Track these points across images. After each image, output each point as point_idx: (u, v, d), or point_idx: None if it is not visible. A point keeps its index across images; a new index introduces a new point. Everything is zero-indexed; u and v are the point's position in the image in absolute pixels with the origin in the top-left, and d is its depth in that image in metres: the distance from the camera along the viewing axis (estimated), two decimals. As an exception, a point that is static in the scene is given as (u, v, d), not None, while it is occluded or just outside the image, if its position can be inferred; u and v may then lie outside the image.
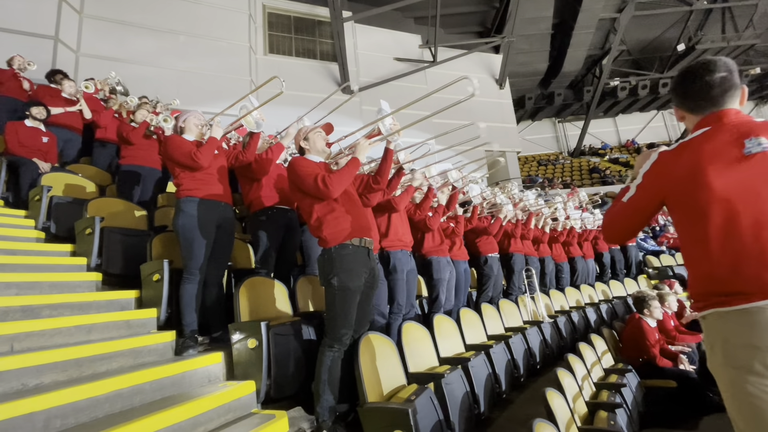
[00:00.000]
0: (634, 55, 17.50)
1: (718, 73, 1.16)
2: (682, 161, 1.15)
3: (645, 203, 1.22)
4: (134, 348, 2.11)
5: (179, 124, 2.73)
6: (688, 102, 1.23)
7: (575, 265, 5.91)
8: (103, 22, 8.61)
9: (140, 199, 3.94)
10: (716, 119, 1.16)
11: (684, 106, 1.25)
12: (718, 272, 1.08)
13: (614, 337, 3.84)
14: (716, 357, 1.11)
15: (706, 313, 1.13)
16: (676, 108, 1.30)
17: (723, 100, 1.17)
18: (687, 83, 1.22)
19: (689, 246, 1.17)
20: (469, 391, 2.38)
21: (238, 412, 1.94)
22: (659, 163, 1.20)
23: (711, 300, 1.10)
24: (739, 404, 1.05)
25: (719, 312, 1.09)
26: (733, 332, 1.05)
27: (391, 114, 2.37)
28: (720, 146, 1.11)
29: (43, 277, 2.45)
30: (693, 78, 1.20)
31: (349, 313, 2.02)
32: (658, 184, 1.19)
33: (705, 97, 1.18)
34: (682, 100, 1.25)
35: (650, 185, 1.21)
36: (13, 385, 1.61)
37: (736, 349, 1.05)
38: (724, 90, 1.16)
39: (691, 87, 1.21)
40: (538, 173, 17.90)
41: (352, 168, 2.15)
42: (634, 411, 2.66)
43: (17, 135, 3.89)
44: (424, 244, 3.50)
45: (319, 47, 11.49)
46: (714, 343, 1.12)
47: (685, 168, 1.13)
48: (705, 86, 1.17)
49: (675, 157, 1.17)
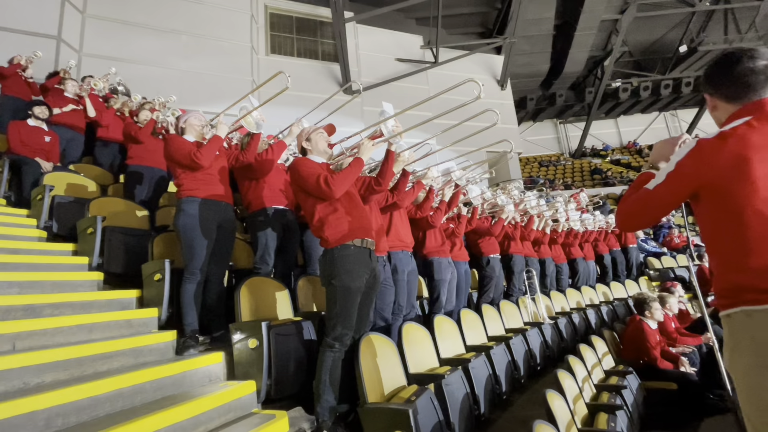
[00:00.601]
0: (636, 57, 17.49)
1: (761, 60, 1.10)
2: (725, 150, 1.07)
3: (676, 192, 1.15)
4: (135, 347, 2.12)
5: (180, 125, 2.74)
6: (725, 89, 1.16)
7: (576, 266, 5.91)
8: (105, 22, 8.64)
9: (143, 199, 3.95)
10: (758, 108, 1.10)
11: (720, 93, 1.18)
12: (754, 268, 1.03)
13: (615, 339, 3.84)
14: (742, 358, 1.06)
15: (733, 311, 1.08)
16: (710, 96, 1.22)
17: (765, 88, 1.11)
18: (726, 69, 1.15)
19: (721, 239, 1.11)
20: (469, 392, 2.38)
21: (238, 411, 1.95)
22: (699, 150, 1.12)
23: (741, 297, 1.06)
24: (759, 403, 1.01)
25: (748, 310, 1.04)
26: (763, 330, 1.01)
27: (393, 116, 2.37)
28: (766, 136, 1.05)
29: (44, 277, 2.46)
30: (734, 63, 1.13)
31: (349, 313, 2.02)
32: (696, 172, 1.11)
33: (746, 84, 1.12)
34: (718, 87, 1.18)
35: (686, 173, 1.13)
36: (14, 384, 1.61)
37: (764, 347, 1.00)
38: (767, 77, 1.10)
39: (730, 73, 1.14)
40: (539, 174, 17.89)
41: (356, 168, 2.15)
42: (635, 413, 2.66)
43: (20, 134, 3.90)
44: (425, 245, 3.50)
45: (321, 48, 11.51)
46: (739, 343, 1.07)
47: (728, 158, 1.07)
48: (747, 72, 1.11)
49: (717, 146, 1.09)
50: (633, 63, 17.80)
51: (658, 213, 1.21)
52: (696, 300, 5.68)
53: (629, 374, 2.98)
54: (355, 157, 2.21)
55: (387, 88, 11.71)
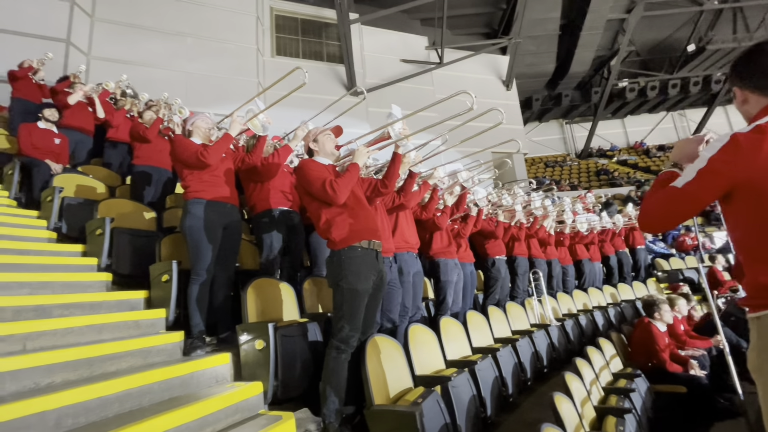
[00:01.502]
0: (643, 56, 17.33)
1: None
2: (764, 145, 1.03)
3: (709, 189, 1.09)
4: (143, 348, 2.13)
5: (187, 127, 2.76)
6: (756, 80, 1.12)
7: (582, 267, 5.86)
8: (113, 26, 8.74)
9: (151, 200, 3.98)
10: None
11: (751, 85, 1.13)
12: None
13: (623, 341, 3.80)
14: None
15: (764, 314, 1.04)
16: (740, 90, 1.17)
17: None
18: (757, 58, 1.11)
19: (757, 240, 1.07)
20: (475, 395, 2.37)
21: (245, 412, 1.95)
22: (734, 145, 1.06)
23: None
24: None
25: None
26: None
27: (401, 119, 2.37)
28: None
29: (54, 277, 2.49)
30: (765, 54, 1.09)
31: (356, 314, 2.02)
32: (731, 169, 1.05)
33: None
34: (749, 79, 1.14)
35: (720, 170, 1.06)
36: (25, 384, 1.63)
37: None
38: None
39: (762, 62, 1.10)
40: (545, 175, 17.78)
41: (353, 173, 2.16)
42: (644, 416, 2.63)
43: (30, 137, 3.96)
44: (432, 246, 3.49)
45: (326, 49, 11.54)
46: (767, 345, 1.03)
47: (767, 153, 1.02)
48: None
49: (755, 140, 1.04)
50: (640, 62, 17.63)
51: (687, 212, 1.13)
52: (705, 302, 5.61)
53: (638, 377, 2.95)
54: (351, 163, 2.21)
55: (392, 89, 11.71)
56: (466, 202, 3.82)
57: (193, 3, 9.76)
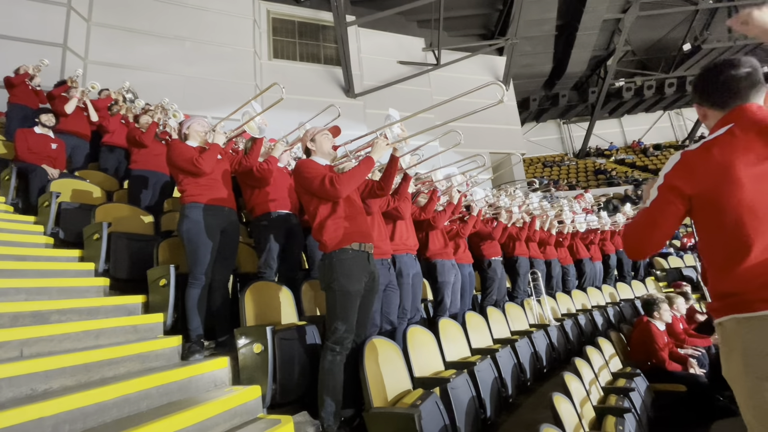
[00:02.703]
0: (639, 56, 17.39)
1: (743, 68, 1.14)
2: (711, 158, 1.10)
3: (670, 202, 1.16)
4: (141, 353, 2.13)
5: (183, 131, 2.76)
6: (711, 97, 1.20)
7: (582, 267, 5.86)
8: (110, 30, 8.74)
9: (148, 204, 3.97)
10: (740, 114, 1.13)
11: (707, 101, 1.22)
12: (742, 275, 1.04)
13: (622, 341, 3.80)
14: (735, 366, 1.06)
15: (724, 319, 1.09)
16: (698, 105, 1.26)
17: (748, 94, 1.14)
18: (712, 78, 1.19)
19: (712, 248, 1.13)
20: (475, 396, 2.36)
21: (244, 416, 1.95)
22: (684, 161, 1.16)
23: (731, 305, 1.06)
24: (757, 413, 1.01)
25: (738, 318, 1.04)
26: (754, 340, 1.01)
27: (399, 121, 2.37)
28: (749, 142, 1.07)
29: (51, 283, 2.49)
30: (718, 72, 1.18)
31: (349, 316, 2.03)
32: (683, 183, 1.14)
33: (730, 91, 1.16)
34: (705, 96, 1.22)
35: (675, 184, 1.15)
36: (22, 390, 1.63)
37: (758, 357, 1.00)
38: (751, 84, 1.14)
39: (716, 81, 1.18)
40: (543, 175, 17.81)
41: (365, 168, 2.13)
42: (643, 415, 2.63)
43: (27, 142, 3.95)
44: (429, 247, 3.50)
45: (323, 51, 11.56)
46: (732, 351, 1.07)
47: (714, 165, 1.09)
48: (730, 80, 1.15)
49: (702, 155, 1.13)
50: (636, 62, 17.70)
51: (662, 229, 1.19)
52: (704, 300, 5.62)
53: (637, 376, 2.95)
54: (367, 156, 2.19)
55: (389, 91, 11.73)
56: (462, 204, 3.83)
57: (190, 7, 9.77)
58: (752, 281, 1.03)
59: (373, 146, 2.26)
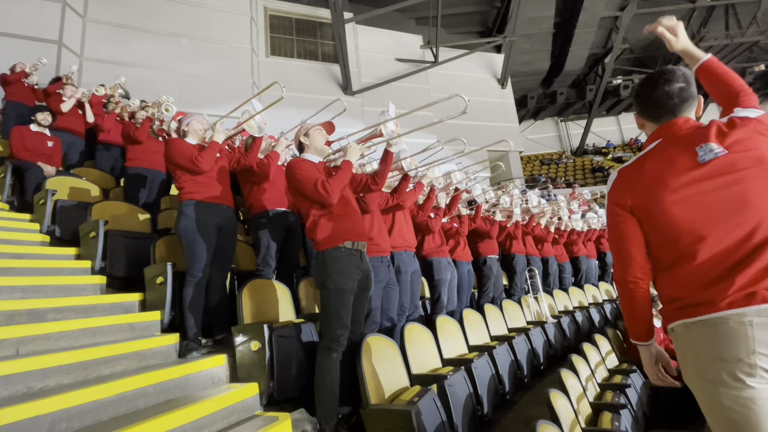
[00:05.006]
0: (637, 53, 17.41)
1: (676, 84, 1.17)
2: (644, 173, 1.16)
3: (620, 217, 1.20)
4: (138, 351, 2.12)
5: (182, 128, 2.74)
6: (647, 110, 1.25)
7: (579, 264, 5.89)
8: (106, 27, 8.68)
9: (145, 202, 3.96)
10: (668, 129, 1.19)
11: (644, 114, 1.27)
12: (684, 281, 1.08)
13: (618, 338, 3.82)
14: (689, 371, 1.09)
15: (674, 325, 1.11)
16: (637, 115, 1.31)
17: (680, 109, 1.18)
18: (647, 92, 1.23)
19: (656, 257, 1.17)
20: (472, 393, 2.37)
21: (241, 414, 1.95)
22: (620, 179, 1.23)
23: (678, 311, 1.09)
24: (717, 418, 1.02)
25: (686, 323, 1.07)
26: (702, 344, 1.03)
27: (394, 119, 2.37)
28: (675, 156, 1.12)
29: (48, 281, 2.47)
30: (652, 87, 1.21)
31: (343, 314, 2.03)
32: (624, 197, 1.19)
33: (663, 106, 1.20)
34: (642, 108, 1.27)
35: (617, 202, 1.21)
36: (18, 389, 1.62)
37: (707, 362, 1.02)
38: (683, 100, 1.18)
39: (650, 95, 1.22)
40: (541, 173, 17.84)
41: (346, 171, 2.17)
42: (639, 412, 2.64)
43: (23, 139, 3.93)
44: (424, 245, 3.50)
45: (321, 49, 11.52)
46: (685, 356, 1.10)
47: (647, 178, 1.15)
48: (663, 96, 1.19)
49: (636, 170, 1.19)
50: (634, 60, 17.72)
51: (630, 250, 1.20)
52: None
53: (633, 373, 2.96)
54: (344, 161, 2.21)
55: (387, 89, 11.71)
56: (459, 203, 3.83)
57: (186, 3, 9.71)
58: (694, 286, 1.06)
59: (345, 150, 2.29)
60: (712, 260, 1.03)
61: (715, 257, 1.03)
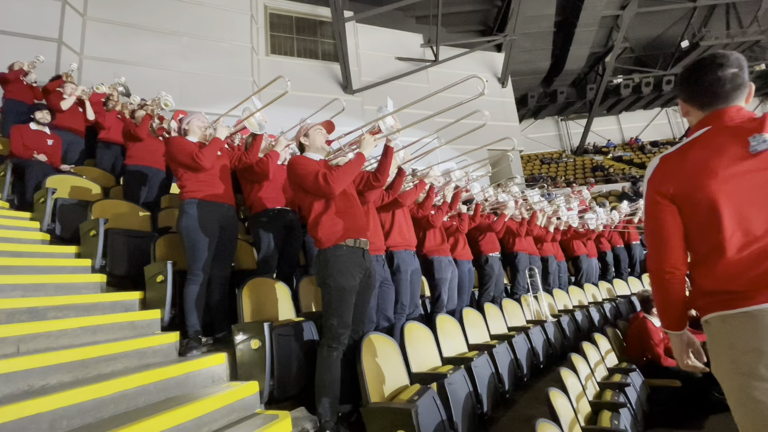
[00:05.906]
0: (638, 53, 17.39)
1: (729, 69, 1.11)
2: (688, 161, 1.11)
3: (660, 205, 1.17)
4: (139, 349, 2.13)
5: (183, 126, 2.74)
6: (696, 97, 1.18)
7: (579, 263, 5.88)
8: (106, 25, 8.66)
9: (145, 200, 3.96)
10: (718, 117, 1.13)
11: (691, 101, 1.20)
12: (723, 272, 1.05)
13: (618, 337, 3.82)
14: (722, 363, 1.07)
15: (710, 317, 1.09)
16: (683, 102, 1.24)
17: (732, 96, 1.12)
18: (697, 78, 1.17)
19: (695, 247, 1.14)
20: (472, 391, 2.38)
21: (241, 412, 1.95)
22: (663, 165, 1.18)
23: (715, 302, 1.07)
24: (746, 410, 1.01)
25: (723, 315, 1.05)
26: (738, 336, 1.02)
27: (392, 113, 2.37)
28: (725, 144, 1.08)
29: (48, 279, 2.47)
30: (703, 72, 1.15)
31: (345, 312, 2.03)
32: (665, 184, 1.15)
33: (714, 93, 1.13)
34: (689, 95, 1.20)
35: (657, 189, 1.17)
36: (19, 387, 1.62)
37: (743, 354, 1.00)
38: (735, 86, 1.11)
39: (700, 82, 1.15)
40: (540, 172, 17.83)
41: (357, 163, 2.14)
42: (639, 411, 2.65)
43: (22, 138, 3.93)
44: (425, 244, 3.50)
45: (321, 47, 11.50)
46: (719, 348, 1.08)
47: (691, 166, 1.10)
48: (716, 82, 1.12)
49: (680, 157, 1.14)
50: (634, 59, 17.70)
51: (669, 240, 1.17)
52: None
53: (633, 372, 2.97)
54: (357, 153, 2.20)
55: (387, 87, 11.69)
56: (459, 200, 3.83)
57: (186, 1, 9.69)
58: (735, 278, 1.04)
59: (360, 143, 2.27)
60: (756, 252, 1.02)
61: (760, 249, 1.01)
